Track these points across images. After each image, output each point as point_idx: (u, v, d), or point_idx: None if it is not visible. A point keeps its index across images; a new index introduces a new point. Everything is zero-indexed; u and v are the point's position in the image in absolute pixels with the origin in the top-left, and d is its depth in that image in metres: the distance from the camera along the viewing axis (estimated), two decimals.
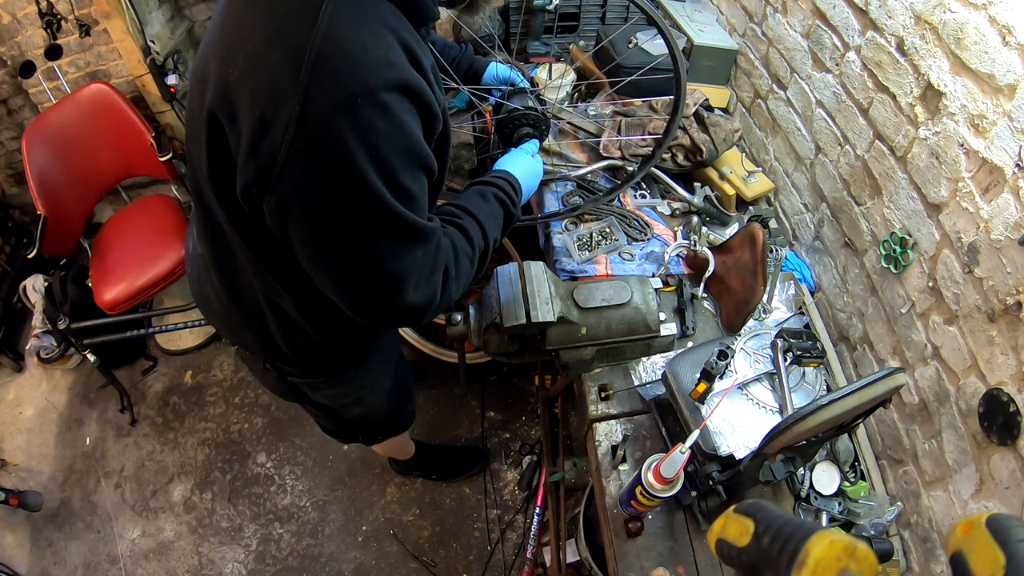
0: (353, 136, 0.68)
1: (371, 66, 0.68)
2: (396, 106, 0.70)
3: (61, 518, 2.17)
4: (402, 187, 0.74)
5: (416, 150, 0.75)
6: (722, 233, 1.55)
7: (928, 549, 1.13)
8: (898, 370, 0.96)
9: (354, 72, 0.67)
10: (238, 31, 0.72)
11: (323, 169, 0.70)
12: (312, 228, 0.76)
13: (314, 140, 0.68)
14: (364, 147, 0.69)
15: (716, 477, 1.07)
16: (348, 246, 0.76)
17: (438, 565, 2.03)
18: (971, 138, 1.01)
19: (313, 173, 0.70)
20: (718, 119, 1.60)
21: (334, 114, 0.67)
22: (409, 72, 0.72)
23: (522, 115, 1.29)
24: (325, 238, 0.76)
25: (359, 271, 0.79)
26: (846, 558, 0.43)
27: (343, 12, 0.68)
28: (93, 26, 2.18)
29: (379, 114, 0.69)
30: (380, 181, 0.72)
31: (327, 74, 0.66)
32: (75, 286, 2.24)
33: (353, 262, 0.78)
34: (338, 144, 0.68)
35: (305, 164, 0.69)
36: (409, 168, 0.75)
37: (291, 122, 0.67)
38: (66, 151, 2.09)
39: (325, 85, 0.66)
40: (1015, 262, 0.94)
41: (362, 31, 0.69)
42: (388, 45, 0.70)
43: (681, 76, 1.22)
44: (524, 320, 1.12)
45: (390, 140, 0.71)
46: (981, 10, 0.96)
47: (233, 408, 2.39)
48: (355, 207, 0.73)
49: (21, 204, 2.73)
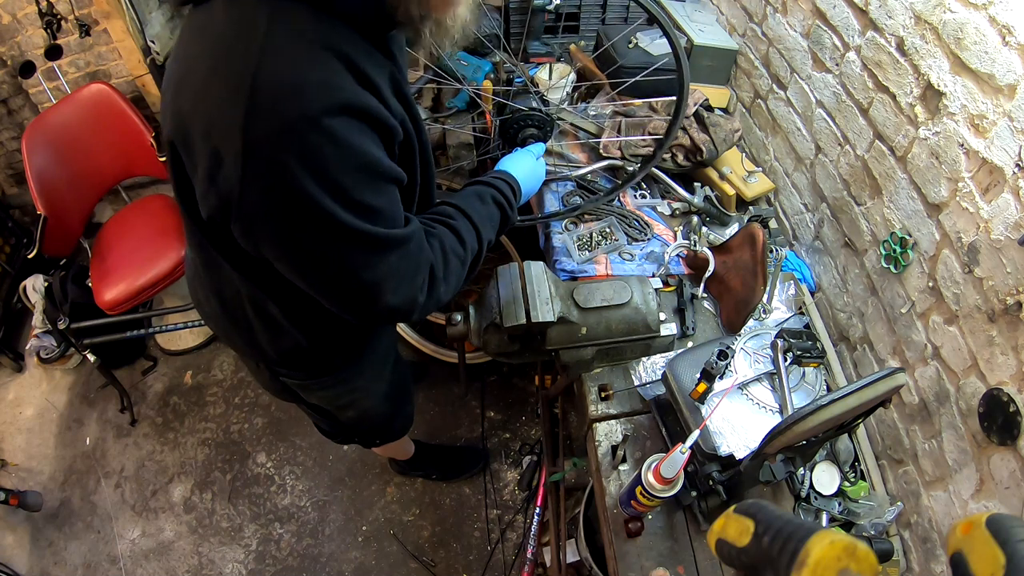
0: (300, 164, 0.67)
1: (310, 92, 0.66)
2: (342, 129, 0.69)
3: (61, 518, 2.17)
4: (362, 205, 0.74)
5: (373, 166, 0.74)
6: (722, 233, 1.55)
7: (928, 549, 1.13)
8: (898, 370, 0.96)
9: (293, 100, 0.66)
10: (188, 61, 0.72)
11: (277, 198, 0.69)
12: (282, 249, 0.77)
13: (263, 171, 0.68)
14: (312, 174, 0.68)
15: (716, 477, 1.07)
16: (319, 262, 0.77)
17: (438, 565, 2.03)
18: (971, 138, 1.01)
19: (269, 202, 0.70)
20: (718, 119, 1.60)
21: (278, 144, 0.66)
22: (353, 92, 0.70)
23: (527, 116, 1.29)
24: (296, 256, 0.77)
25: (334, 281, 0.80)
26: (846, 558, 0.43)
27: (279, 38, 0.67)
28: (93, 26, 2.19)
29: (324, 140, 0.67)
30: (336, 204, 0.71)
31: (266, 104, 0.65)
32: (75, 286, 2.24)
33: (326, 274, 0.79)
34: (287, 173, 0.67)
35: (260, 193, 0.69)
36: (368, 185, 0.74)
37: (239, 154, 0.66)
38: (66, 151, 2.09)
39: (265, 116, 0.65)
40: (1015, 262, 0.94)
41: (299, 56, 0.67)
42: (328, 67, 0.69)
43: (685, 77, 1.21)
44: (524, 320, 1.12)
45: (340, 163, 0.70)
46: (981, 10, 0.96)
47: (233, 408, 2.39)
48: (316, 231, 0.73)
49: (21, 204, 2.72)
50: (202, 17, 0.72)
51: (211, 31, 0.70)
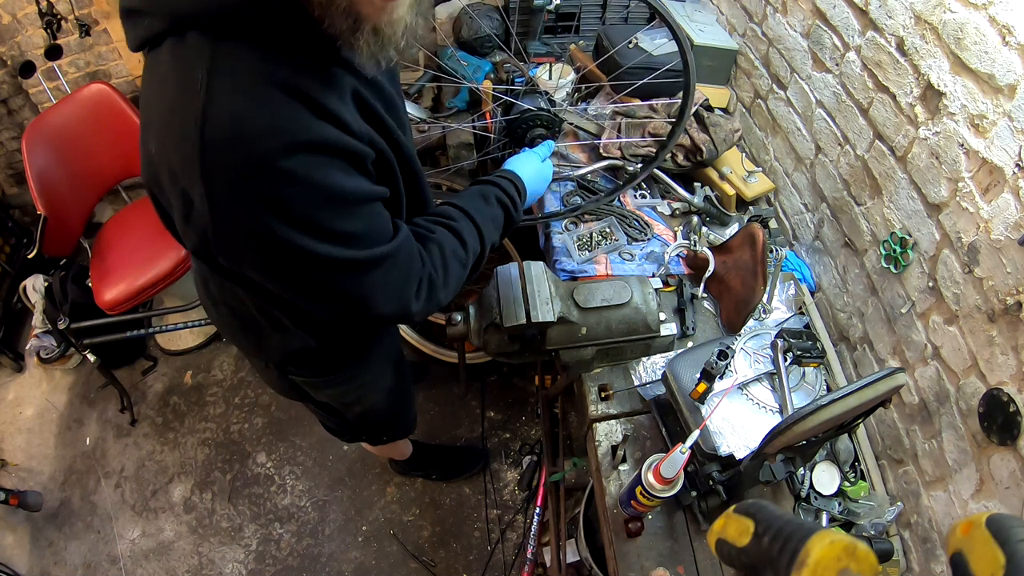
0: (265, 209, 0.66)
1: (261, 137, 0.64)
2: (300, 168, 0.66)
3: (61, 518, 2.17)
4: (337, 233, 0.73)
5: (345, 195, 0.72)
6: (722, 233, 1.55)
7: (928, 549, 1.13)
8: (898, 370, 0.96)
9: (244, 148, 0.64)
10: (148, 105, 0.71)
11: (251, 240, 0.69)
12: (267, 278, 0.77)
13: (231, 216, 0.67)
14: (279, 216, 0.67)
15: (716, 477, 1.07)
16: (303, 287, 0.78)
17: (438, 565, 2.03)
18: (971, 138, 1.01)
19: (243, 242, 0.70)
20: (718, 119, 1.60)
21: (238, 192, 0.65)
22: (307, 127, 0.67)
23: (535, 116, 1.28)
24: (281, 284, 0.78)
25: (323, 300, 0.81)
26: (846, 558, 0.43)
27: (222, 84, 0.64)
28: (93, 26, 2.18)
29: (283, 182, 0.66)
30: (311, 239, 0.70)
31: (218, 156, 0.64)
32: (75, 286, 2.24)
33: (313, 296, 0.80)
34: (253, 218, 0.67)
35: (233, 235, 0.69)
36: (341, 214, 0.72)
37: (204, 199, 0.66)
38: (66, 151, 2.09)
39: (219, 167, 0.64)
40: (1015, 262, 0.94)
41: (244, 101, 0.65)
42: (276, 105, 0.66)
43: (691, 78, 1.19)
44: (524, 320, 1.12)
45: (306, 201, 0.68)
46: (981, 10, 0.96)
47: (233, 408, 2.39)
48: (295, 264, 0.73)
49: (21, 204, 2.72)
50: (155, 61, 0.70)
51: (162, 77, 0.68)
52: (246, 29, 0.66)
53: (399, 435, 1.63)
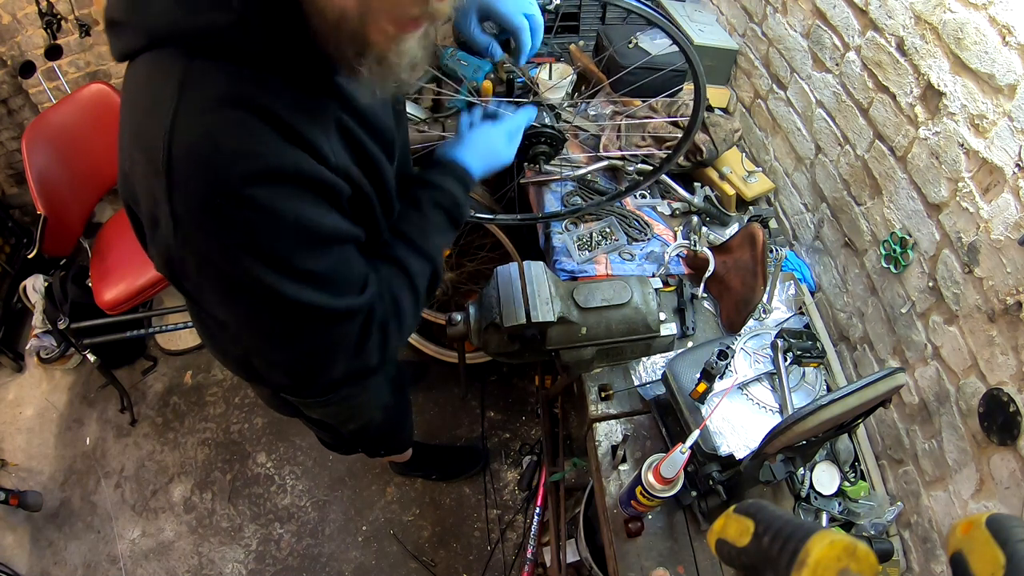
0: (226, 237, 0.64)
1: (225, 161, 0.61)
2: (266, 196, 0.63)
3: (61, 518, 2.17)
4: (303, 272, 0.69)
5: (312, 231, 0.68)
6: (722, 233, 1.55)
7: (928, 549, 1.13)
8: (898, 370, 0.96)
9: (208, 174, 0.61)
10: (123, 120, 0.69)
11: (211, 268, 0.67)
12: (225, 309, 0.74)
13: (194, 241, 0.65)
14: (242, 246, 0.64)
15: (716, 477, 1.07)
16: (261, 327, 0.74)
17: (438, 565, 2.03)
18: (971, 138, 1.01)
19: (205, 269, 0.68)
20: (718, 119, 1.60)
21: (201, 218, 0.63)
22: (277, 154, 0.64)
23: (539, 132, 1.24)
24: (238, 317, 0.74)
25: (280, 345, 0.76)
26: (846, 558, 0.43)
27: (193, 104, 0.61)
28: (93, 26, 2.19)
29: (247, 211, 0.63)
30: (272, 273, 0.66)
31: (183, 179, 0.61)
32: (75, 286, 2.24)
33: (271, 338, 0.75)
34: (215, 246, 0.64)
35: (195, 260, 0.67)
36: (307, 251, 0.68)
37: (169, 222, 0.63)
38: (66, 151, 2.09)
39: (184, 191, 0.61)
40: (1015, 262, 0.94)
41: (214, 123, 0.61)
42: (245, 130, 0.62)
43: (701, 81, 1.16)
44: (524, 320, 1.12)
45: (270, 233, 0.65)
46: (981, 10, 0.96)
47: (233, 408, 2.39)
48: (253, 299, 0.69)
49: (21, 204, 2.72)
50: (132, 73, 0.68)
51: (136, 90, 0.66)
52: (227, 49, 0.63)
53: (396, 450, 1.59)
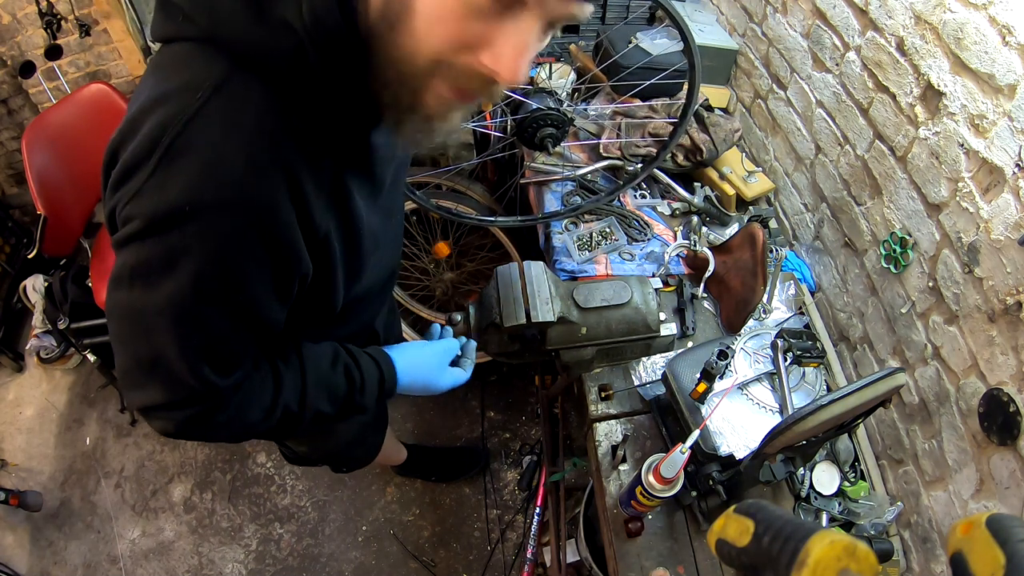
0: (172, 241, 0.60)
1: (214, 180, 0.58)
2: (225, 232, 0.60)
3: (61, 518, 2.17)
4: (194, 316, 0.65)
5: (231, 286, 0.64)
6: (722, 233, 1.55)
7: (928, 549, 1.13)
8: (898, 370, 0.96)
9: (197, 178, 0.58)
10: (144, 87, 0.65)
11: (132, 255, 0.63)
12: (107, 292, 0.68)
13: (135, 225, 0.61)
14: (174, 258, 0.61)
15: (716, 477, 1.07)
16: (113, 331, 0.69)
17: (438, 565, 2.03)
18: (971, 138, 1.01)
19: (125, 249, 0.63)
20: (718, 119, 1.60)
21: (161, 212, 0.59)
22: (271, 198, 0.61)
23: (544, 115, 1.25)
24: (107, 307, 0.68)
25: (118, 357, 0.70)
26: (846, 558, 0.43)
27: (219, 109, 0.59)
28: (93, 26, 2.18)
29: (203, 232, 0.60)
30: (173, 296, 0.63)
31: (171, 169, 0.58)
32: (75, 286, 2.24)
33: (117, 348, 0.70)
34: (152, 241, 0.61)
35: (123, 236, 0.62)
36: (214, 302, 0.65)
37: (126, 195, 0.60)
38: (66, 151, 2.09)
39: (165, 179, 0.58)
40: (1015, 262, 0.94)
41: (227, 137, 0.59)
42: (251, 160, 0.60)
43: (697, 77, 1.19)
44: (524, 320, 1.12)
45: (205, 263, 0.62)
46: (981, 10, 0.96)
47: None
48: (134, 309, 0.65)
49: (21, 204, 2.72)
50: (163, 54, 0.65)
51: (161, 72, 0.63)
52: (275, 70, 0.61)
53: (359, 466, 1.51)
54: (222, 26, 0.60)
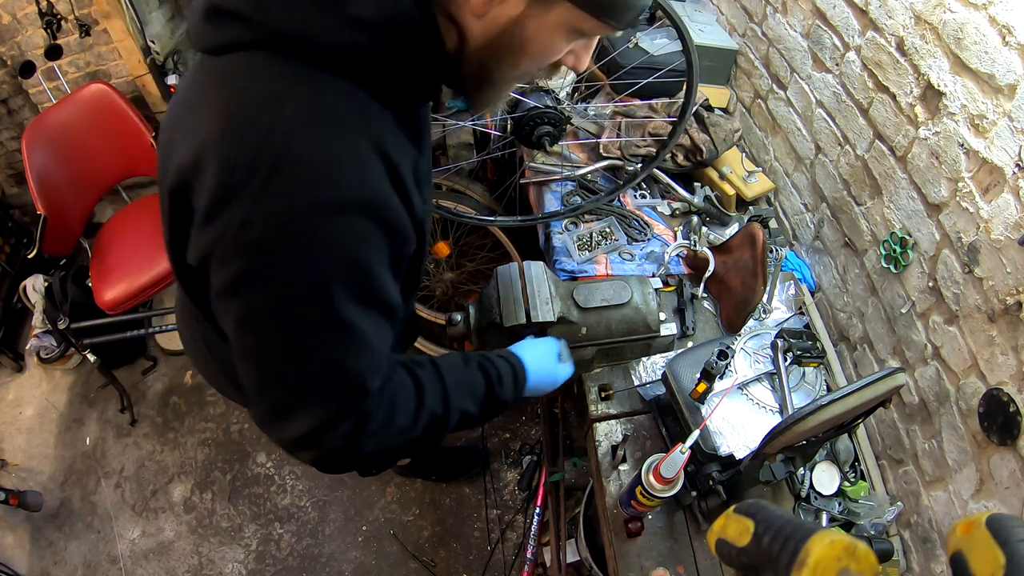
0: (297, 261, 0.61)
1: (330, 184, 0.59)
2: (353, 233, 0.62)
3: (61, 518, 2.17)
4: (343, 323, 0.65)
5: (370, 283, 0.66)
6: (722, 233, 1.55)
7: (928, 549, 1.13)
8: (898, 370, 0.96)
9: (308, 189, 0.58)
10: (198, 109, 0.64)
11: (259, 283, 0.63)
12: (236, 331, 0.67)
13: (254, 251, 0.61)
14: (307, 273, 0.62)
15: (716, 477, 1.07)
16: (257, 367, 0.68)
17: (438, 565, 2.03)
18: (971, 138, 1.01)
19: (248, 282, 0.63)
20: (718, 119, 1.60)
21: (281, 231, 0.59)
22: (380, 190, 0.63)
23: (541, 113, 1.26)
24: (242, 346, 0.68)
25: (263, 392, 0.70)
26: (846, 558, 0.43)
27: (308, 111, 0.59)
28: (93, 26, 2.19)
29: (332, 239, 0.61)
30: (318, 309, 0.63)
31: (281, 187, 0.58)
32: (75, 286, 2.24)
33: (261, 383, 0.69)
34: (278, 265, 0.61)
35: (242, 269, 0.62)
36: (358, 303, 0.66)
37: (233, 223, 0.59)
38: (66, 151, 2.09)
39: (276, 199, 0.58)
40: (1015, 262, 0.94)
41: (325, 139, 0.59)
42: (356, 156, 0.61)
43: (695, 77, 1.19)
44: (524, 320, 1.12)
45: (340, 270, 0.63)
46: (981, 10, 0.96)
47: (233, 408, 2.39)
48: (282, 333, 0.65)
49: (21, 204, 2.73)
50: (221, 67, 0.63)
51: (231, 87, 0.62)
52: (356, 70, 0.62)
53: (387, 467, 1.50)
54: (293, 29, 0.59)
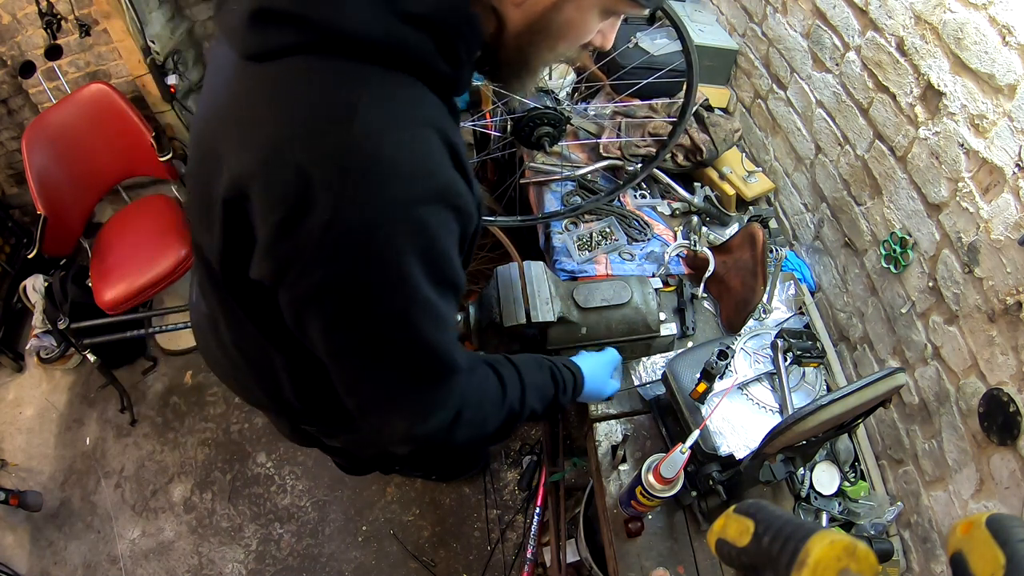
0: (385, 254, 0.62)
1: (410, 177, 0.60)
2: (434, 220, 0.63)
3: (61, 518, 2.17)
4: (431, 306, 0.67)
5: (447, 266, 0.68)
6: (722, 233, 1.55)
7: (928, 549, 1.13)
8: (898, 370, 0.96)
9: (391, 185, 0.59)
10: (250, 113, 0.63)
11: (347, 284, 0.64)
12: (328, 336, 0.68)
13: (339, 253, 0.61)
14: (396, 265, 0.63)
15: (716, 477, 1.07)
16: (357, 365, 0.71)
17: (438, 565, 2.03)
18: (971, 138, 1.01)
19: (335, 285, 0.64)
20: (718, 119, 1.60)
21: (365, 229, 0.60)
22: (450, 176, 0.64)
23: (541, 114, 1.27)
24: (338, 348, 0.70)
25: (364, 390, 0.73)
26: (846, 558, 0.43)
27: (381, 110, 0.59)
28: (93, 26, 2.19)
29: (416, 229, 0.62)
30: (406, 298, 0.65)
31: (362, 185, 0.58)
32: (75, 286, 2.24)
33: (362, 381, 0.72)
34: (367, 262, 0.62)
35: (327, 274, 0.63)
36: (439, 287, 0.68)
37: (315, 229, 0.59)
38: (66, 151, 2.09)
39: (357, 198, 0.59)
40: (1015, 262, 0.94)
41: (402, 134, 0.60)
42: (429, 147, 0.62)
43: (694, 77, 1.20)
44: (524, 320, 1.12)
45: (424, 257, 0.64)
46: (981, 10, 0.96)
47: (233, 408, 2.39)
48: (378, 327, 0.67)
49: (21, 204, 2.73)
50: (274, 75, 0.62)
51: (294, 95, 0.61)
52: (415, 67, 0.63)
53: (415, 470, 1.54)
54: (357, 29, 0.60)
